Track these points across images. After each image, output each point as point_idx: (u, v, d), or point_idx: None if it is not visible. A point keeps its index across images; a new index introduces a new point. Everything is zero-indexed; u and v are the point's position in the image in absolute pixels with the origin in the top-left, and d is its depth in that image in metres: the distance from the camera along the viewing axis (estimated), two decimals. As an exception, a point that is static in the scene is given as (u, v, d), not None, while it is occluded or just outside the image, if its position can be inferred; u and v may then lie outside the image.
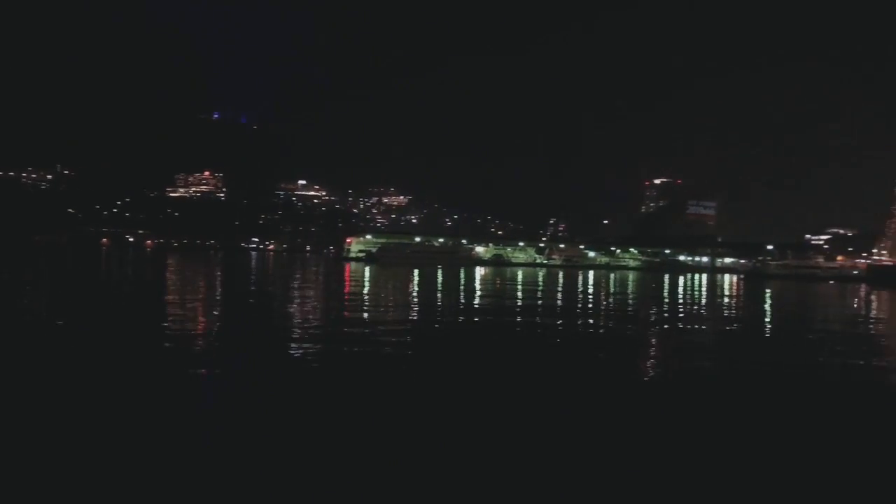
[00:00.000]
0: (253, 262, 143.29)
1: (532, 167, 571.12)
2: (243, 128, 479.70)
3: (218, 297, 46.60)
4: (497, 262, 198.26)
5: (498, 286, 74.95)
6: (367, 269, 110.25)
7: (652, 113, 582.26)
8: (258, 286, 63.40)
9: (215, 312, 35.69)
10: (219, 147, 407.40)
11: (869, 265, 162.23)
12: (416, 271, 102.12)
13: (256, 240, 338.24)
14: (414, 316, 36.49)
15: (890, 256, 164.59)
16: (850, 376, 20.84)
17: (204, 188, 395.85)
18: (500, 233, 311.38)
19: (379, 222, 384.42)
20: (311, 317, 34.29)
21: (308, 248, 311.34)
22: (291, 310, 38.28)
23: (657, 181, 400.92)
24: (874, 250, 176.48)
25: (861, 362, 23.91)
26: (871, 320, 46.42)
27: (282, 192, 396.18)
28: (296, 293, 52.46)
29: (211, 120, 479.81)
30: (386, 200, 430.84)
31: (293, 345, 23.68)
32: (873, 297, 77.18)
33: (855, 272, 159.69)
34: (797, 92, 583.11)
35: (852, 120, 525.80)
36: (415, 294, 55.92)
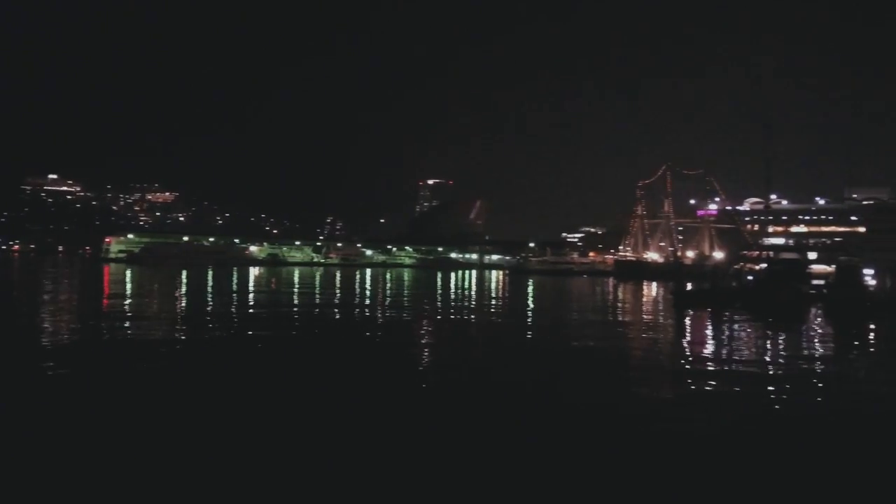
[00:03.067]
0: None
1: (308, 165, 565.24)
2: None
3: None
4: (272, 262, 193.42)
5: (273, 286, 73.32)
6: (128, 272, 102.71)
7: (427, 114, 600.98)
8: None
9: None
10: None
11: (616, 261, 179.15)
12: (184, 273, 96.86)
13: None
14: (176, 326, 34.55)
15: (633, 253, 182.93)
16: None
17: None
18: (275, 231, 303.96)
19: (142, 220, 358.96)
20: (53, 330, 31.19)
21: (60, 248, 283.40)
22: (28, 322, 34.59)
23: (430, 181, 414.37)
24: (620, 247, 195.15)
25: (590, 343, 26.41)
26: (611, 310, 51.49)
27: (28, 187, 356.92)
28: (39, 300, 47.53)
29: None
30: (150, 197, 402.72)
31: (33, 366, 21.36)
32: (619, 289, 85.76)
33: (604, 267, 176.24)
34: (557, 97, 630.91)
35: (607, 123, 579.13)
36: (180, 299, 52.99)
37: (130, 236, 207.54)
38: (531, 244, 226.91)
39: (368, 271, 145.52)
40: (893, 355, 31.06)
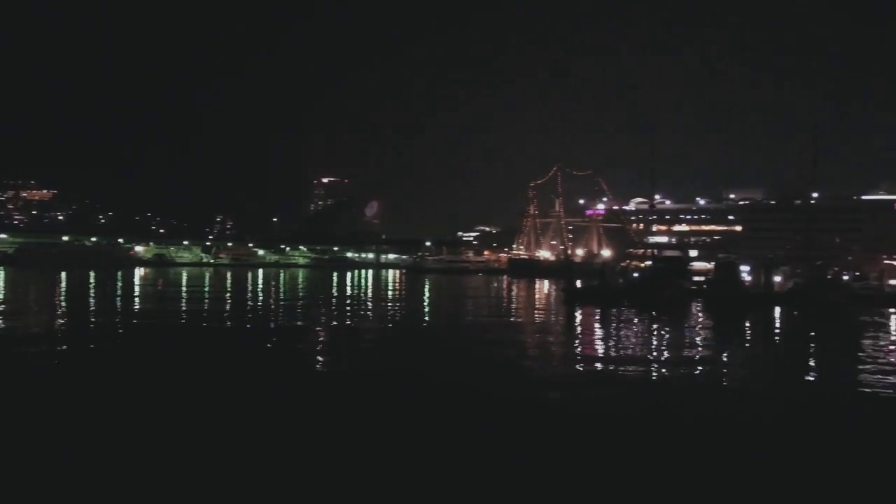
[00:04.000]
0: None
1: (197, 163, 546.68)
2: None
3: None
4: (159, 263, 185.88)
5: (159, 287, 70.56)
6: (0, 273, 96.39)
7: (321, 111, 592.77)
8: None
9: None
10: None
11: (510, 259, 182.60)
12: (63, 275, 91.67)
13: None
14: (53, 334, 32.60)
15: (526, 251, 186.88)
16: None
17: None
18: (161, 231, 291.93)
19: (17, 220, 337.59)
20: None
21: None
22: None
23: (325, 180, 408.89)
24: (514, 246, 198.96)
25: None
26: (503, 308, 52.36)
27: None
28: None
29: None
30: (25, 195, 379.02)
31: None
32: (513, 287, 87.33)
33: (498, 265, 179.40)
34: (452, 97, 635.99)
35: (501, 125, 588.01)
36: (50, 303, 50.12)
37: (3, 236, 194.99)
38: (427, 243, 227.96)
39: (261, 272, 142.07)
40: (764, 345, 32.89)
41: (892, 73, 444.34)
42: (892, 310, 52.07)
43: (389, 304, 52.86)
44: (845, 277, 72.68)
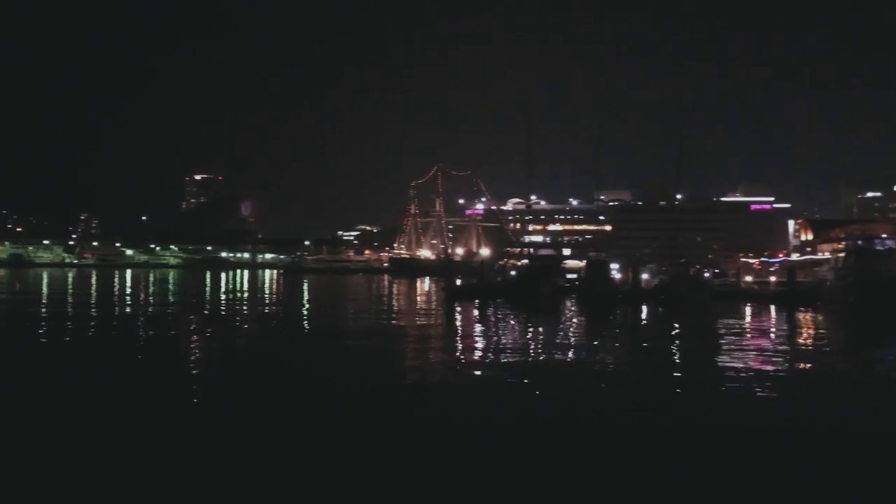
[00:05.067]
0: None
1: (59, 157, 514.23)
2: None
3: None
4: (16, 263, 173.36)
5: (17, 290, 66.05)
6: None
7: (195, 106, 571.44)
8: None
9: None
10: None
11: (391, 258, 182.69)
12: None
13: None
14: None
15: (407, 250, 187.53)
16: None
17: None
18: (19, 230, 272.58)
19: None
20: None
21: None
22: None
23: (198, 177, 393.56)
24: (395, 245, 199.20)
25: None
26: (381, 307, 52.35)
27: None
28: None
29: None
30: None
31: None
32: (394, 286, 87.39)
33: (380, 265, 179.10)
34: (332, 95, 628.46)
35: (382, 122, 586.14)
36: None
37: None
38: (306, 242, 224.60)
39: (129, 272, 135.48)
40: (631, 338, 34.46)
41: (753, 84, 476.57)
42: (747, 305, 55.80)
43: (266, 307, 51.59)
44: (706, 275, 77.27)
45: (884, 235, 67.71)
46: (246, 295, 65.62)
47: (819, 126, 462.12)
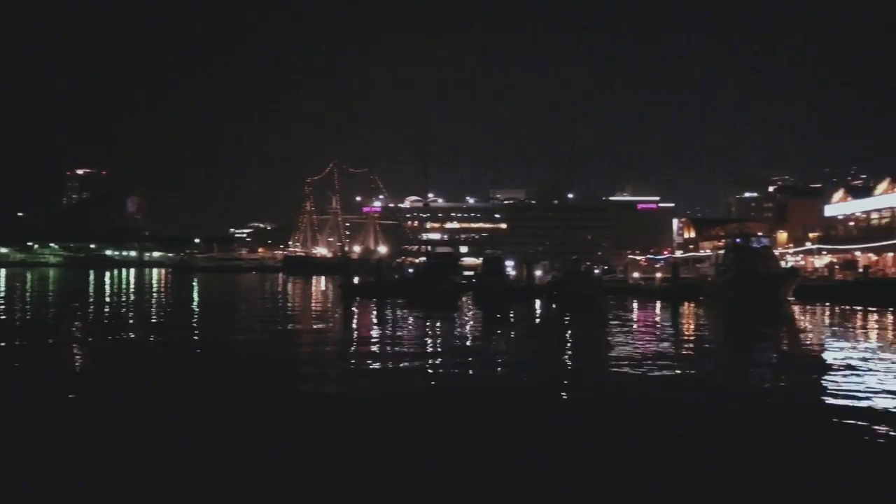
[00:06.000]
0: None
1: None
2: None
3: None
4: None
5: None
6: None
7: (75, 98, 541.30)
8: None
9: None
10: None
11: (285, 256, 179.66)
12: None
13: None
14: None
15: (302, 248, 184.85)
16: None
17: None
18: None
19: None
20: None
21: None
22: None
23: (80, 171, 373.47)
24: (290, 243, 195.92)
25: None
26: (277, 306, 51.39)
27: None
28: None
29: None
30: None
31: None
32: (288, 284, 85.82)
33: (274, 263, 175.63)
34: (221, 92, 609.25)
35: (274, 118, 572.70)
36: None
37: None
38: (196, 240, 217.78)
39: (3, 272, 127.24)
40: (525, 333, 35.23)
41: (643, 90, 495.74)
42: (634, 300, 58.11)
43: (153, 308, 49.55)
44: (596, 271, 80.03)
45: (760, 233, 71.77)
46: (132, 296, 62.80)
47: (706, 129, 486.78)
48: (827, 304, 52.19)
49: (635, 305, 52.32)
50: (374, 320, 39.14)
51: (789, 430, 13.61)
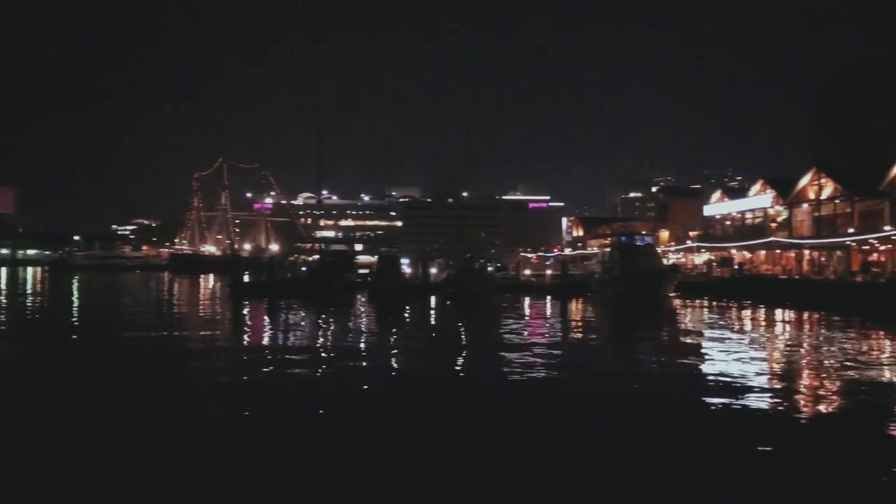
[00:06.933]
0: None
1: None
2: None
3: None
4: None
5: None
6: None
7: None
8: None
9: None
10: None
11: (171, 254, 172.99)
12: None
13: None
14: None
15: (190, 246, 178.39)
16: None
17: None
18: None
19: None
20: None
21: None
22: None
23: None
24: (176, 240, 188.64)
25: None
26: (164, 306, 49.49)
27: None
28: None
29: None
30: None
31: None
32: (175, 284, 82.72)
33: (159, 261, 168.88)
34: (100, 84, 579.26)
35: (159, 113, 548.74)
36: None
37: None
38: (76, 237, 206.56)
39: None
40: (419, 329, 35.38)
41: (541, 90, 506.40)
42: (526, 296, 59.38)
43: (28, 310, 46.63)
44: (490, 268, 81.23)
45: (643, 232, 74.73)
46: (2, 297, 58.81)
47: (592, 130, 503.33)
48: (705, 299, 55.06)
49: (527, 302, 53.48)
50: (265, 321, 38.20)
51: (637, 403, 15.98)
